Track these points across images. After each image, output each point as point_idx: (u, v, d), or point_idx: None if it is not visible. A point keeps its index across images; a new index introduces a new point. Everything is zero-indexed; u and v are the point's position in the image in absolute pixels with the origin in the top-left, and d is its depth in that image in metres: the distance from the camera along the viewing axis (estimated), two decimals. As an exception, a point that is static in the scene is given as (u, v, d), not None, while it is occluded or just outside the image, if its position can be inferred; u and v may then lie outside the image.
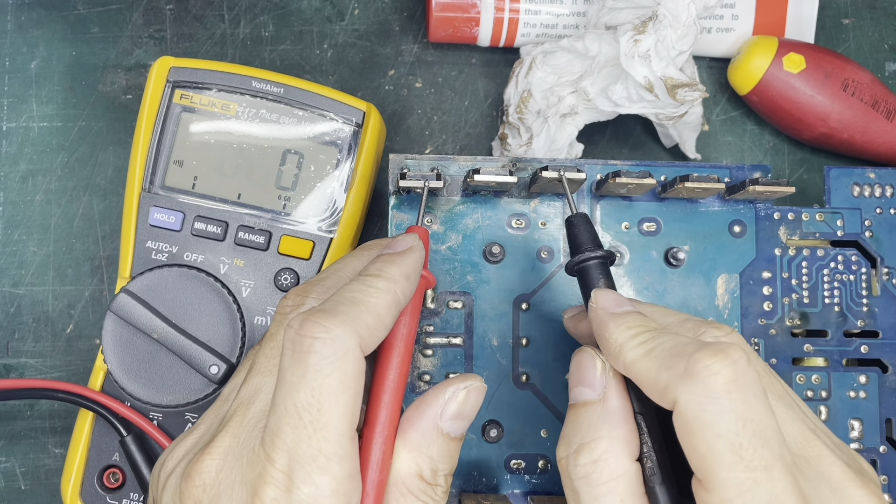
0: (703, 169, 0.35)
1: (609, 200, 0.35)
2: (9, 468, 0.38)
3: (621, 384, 0.26)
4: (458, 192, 0.34)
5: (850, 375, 0.35)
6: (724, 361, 0.23)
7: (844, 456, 0.25)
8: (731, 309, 0.35)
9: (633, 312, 0.26)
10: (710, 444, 0.23)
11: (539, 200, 0.34)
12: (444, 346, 0.34)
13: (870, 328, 0.36)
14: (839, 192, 0.36)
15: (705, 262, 0.35)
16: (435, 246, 0.34)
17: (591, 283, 0.28)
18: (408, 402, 0.32)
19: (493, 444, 0.34)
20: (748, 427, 0.22)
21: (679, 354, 0.24)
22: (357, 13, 0.41)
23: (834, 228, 0.36)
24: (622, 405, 0.26)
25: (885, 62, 0.42)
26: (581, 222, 0.29)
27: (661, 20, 0.34)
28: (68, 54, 0.40)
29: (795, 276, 0.35)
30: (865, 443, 0.35)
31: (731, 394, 0.23)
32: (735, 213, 0.35)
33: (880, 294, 0.36)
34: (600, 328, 0.27)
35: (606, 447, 0.25)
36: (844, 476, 0.24)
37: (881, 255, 0.36)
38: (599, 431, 0.25)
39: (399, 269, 0.26)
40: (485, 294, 0.34)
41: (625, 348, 0.25)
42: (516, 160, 0.34)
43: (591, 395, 0.26)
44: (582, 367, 0.27)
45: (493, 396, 0.34)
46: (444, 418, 0.26)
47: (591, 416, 0.26)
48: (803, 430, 0.25)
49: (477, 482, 0.34)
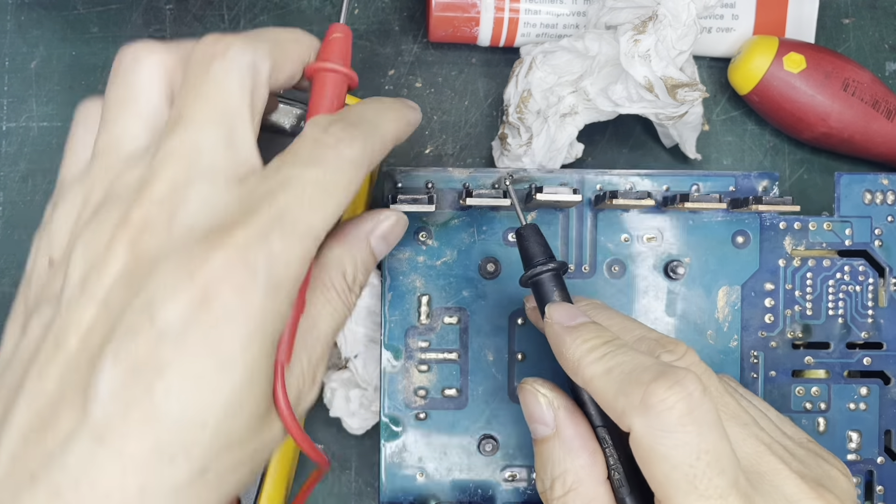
0: (707, 178, 0.35)
1: (608, 212, 0.35)
2: (8, 468, 0.38)
3: (570, 410, 0.27)
4: (453, 205, 0.34)
5: (851, 387, 0.35)
6: (679, 394, 0.23)
7: (803, 468, 0.26)
8: (732, 322, 0.35)
9: (588, 323, 0.27)
10: (666, 474, 0.23)
11: (537, 213, 0.34)
12: (440, 362, 0.34)
13: (874, 339, 0.35)
14: (849, 200, 0.35)
15: (706, 275, 0.35)
16: (430, 261, 0.34)
17: (545, 297, 0.28)
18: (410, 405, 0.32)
19: (488, 458, 0.34)
20: (703, 458, 0.23)
21: (636, 382, 0.24)
22: (357, 13, 0.41)
23: (842, 238, 0.35)
24: (577, 432, 0.26)
25: (886, 62, 0.42)
26: (531, 234, 0.29)
27: (661, 20, 0.34)
28: (68, 54, 0.40)
29: (799, 287, 0.35)
30: (863, 454, 0.35)
31: (686, 427, 0.23)
32: (739, 224, 0.35)
33: (887, 305, 0.35)
34: (556, 344, 0.27)
35: (574, 478, 0.26)
36: (798, 489, 0.25)
37: (890, 264, 0.35)
38: (564, 464, 0.26)
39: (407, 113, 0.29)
40: (480, 309, 0.34)
41: (582, 364, 0.26)
42: (512, 172, 0.34)
43: (545, 430, 0.27)
44: (528, 403, 0.27)
45: (489, 411, 0.34)
46: (374, 235, 0.28)
47: (553, 450, 0.26)
48: (756, 446, 0.25)
49: (473, 494, 0.34)
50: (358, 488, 0.39)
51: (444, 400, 0.34)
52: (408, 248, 0.34)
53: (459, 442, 0.34)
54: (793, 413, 0.35)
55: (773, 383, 0.35)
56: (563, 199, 0.32)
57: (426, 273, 0.34)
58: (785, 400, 0.35)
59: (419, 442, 0.34)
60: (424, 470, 0.34)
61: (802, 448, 0.27)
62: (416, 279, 0.34)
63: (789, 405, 0.35)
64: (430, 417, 0.34)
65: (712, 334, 0.35)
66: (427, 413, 0.34)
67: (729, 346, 0.35)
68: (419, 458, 0.34)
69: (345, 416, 0.37)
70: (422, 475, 0.34)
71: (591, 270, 0.34)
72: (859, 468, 0.35)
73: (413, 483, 0.34)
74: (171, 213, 0.23)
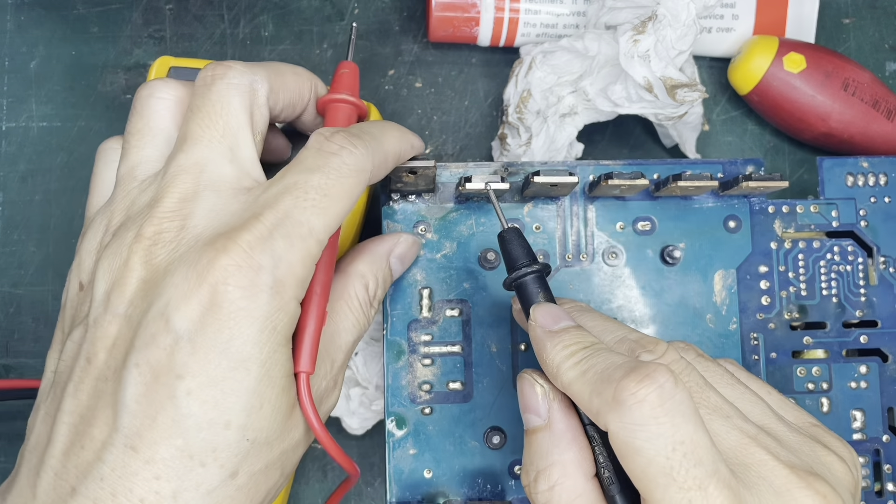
0: (695, 166, 0.35)
1: (603, 201, 0.35)
2: (8, 469, 0.38)
3: (564, 405, 0.26)
4: (451, 199, 0.34)
5: (851, 366, 0.35)
6: (650, 387, 0.23)
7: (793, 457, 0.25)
8: (729, 305, 0.35)
9: (570, 329, 0.27)
10: (643, 469, 0.23)
11: (533, 204, 0.34)
12: (443, 355, 0.34)
13: (868, 318, 0.36)
14: (833, 183, 0.36)
15: (701, 259, 0.35)
16: (430, 254, 0.34)
17: (529, 299, 0.28)
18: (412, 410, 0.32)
19: (496, 451, 0.34)
20: (678, 449, 0.23)
21: (608, 380, 0.24)
22: (357, 13, 0.41)
23: (829, 219, 0.36)
24: (568, 426, 0.26)
25: (886, 62, 0.42)
26: (513, 237, 0.29)
27: (661, 20, 0.34)
28: (68, 54, 0.40)
29: (792, 268, 0.35)
30: (868, 433, 0.35)
31: (659, 419, 0.23)
32: (729, 209, 0.35)
33: (878, 283, 0.36)
34: (538, 348, 0.27)
35: (560, 472, 0.26)
36: (787, 480, 0.24)
37: (877, 244, 0.36)
38: (551, 457, 0.26)
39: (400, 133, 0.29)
40: (482, 301, 0.34)
41: (561, 369, 0.26)
42: (508, 165, 0.34)
43: (537, 420, 0.27)
44: (524, 393, 0.27)
45: (495, 403, 0.34)
46: (393, 254, 0.31)
47: (542, 442, 0.26)
48: (741, 438, 0.25)
49: (482, 489, 0.34)
50: (358, 489, 0.39)
51: (449, 394, 0.34)
52: None
53: (466, 436, 0.34)
54: (796, 394, 0.35)
55: (775, 364, 0.35)
56: (560, 181, 0.32)
57: (426, 266, 0.34)
58: (787, 381, 0.35)
59: (425, 438, 0.34)
60: (431, 466, 0.34)
61: (798, 435, 0.27)
62: (417, 272, 0.34)
63: (792, 386, 0.35)
64: (436, 412, 0.34)
65: (711, 318, 0.35)
66: (432, 408, 0.34)
67: (728, 329, 0.35)
68: (426, 454, 0.34)
69: (344, 415, 0.37)
70: (429, 472, 0.34)
71: (588, 259, 0.35)
72: (866, 447, 0.35)
73: (421, 481, 0.34)
74: (180, 224, 0.24)
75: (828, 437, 0.28)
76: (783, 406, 0.29)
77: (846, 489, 0.26)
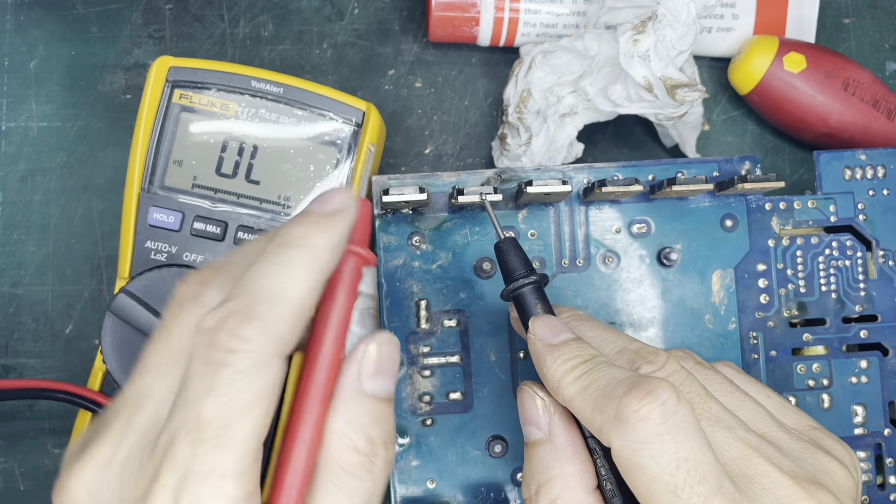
0: (691, 165, 0.35)
1: (598, 205, 0.35)
2: (8, 469, 0.37)
3: (565, 418, 0.26)
4: (445, 208, 0.34)
5: (851, 361, 0.35)
6: (652, 404, 0.23)
7: (795, 466, 0.25)
8: (728, 305, 0.35)
9: (569, 341, 0.26)
10: (647, 486, 0.23)
11: (527, 211, 0.34)
12: (442, 366, 0.34)
13: (868, 312, 0.35)
14: (830, 177, 0.36)
15: (699, 260, 0.35)
16: (425, 265, 0.34)
17: (527, 311, 0.28)
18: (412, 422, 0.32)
19: (498, 459, 0.34)
20: (682, 467, 0.23)
21: (610, 396, 0.24)
22: (357, 13, 0.41)
23: (827, 214, 0.35)
24: (569, 439, 0.26)
25: (886, 62, 0.42)
26: (510, 248, 0.29)
27: (661, 20, 0.34)
28: (67, 54, 0.40)
29: (791, 266, 0.35)
30: (869, 427, 0.35)
31: (662, 436, 0.23)
32: (726, 207, 0.35)
33: (877, 277, 0.36)
34: (539, 362, 0.27)
35: (561, 485, 0.25)
36: (790, 491, 0.24)
37: (876, 237, 0.36)
38: (552, 470, 0.26)
39: (326, 239, 0.22)
40: (479, 310, 0.34)
41: (562, 384, 0.25)
42: (501, 172, 0.34)
43: (538, 434, 0.26)
44: (525, 406, 0.27)
45: (495, 412, 0.34)
46: (364, 378, 0.22)
47: (543, 455, 0.26)
48: (743, 449, 0.25)
49: (485, 498, 0.34)
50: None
51: (449, 404, 0.34)
52: (402, 254, 0.34)
53: (468, 445, 0.34)
54: (796, 392, 0.35)
55: (775, 363, 0.35)
56: (553, 191, 0.32)
57: (422, 277, 0.34)
58: (787, 379, 0.35)
59: (427, 449, 0.34)
60: (434, 477, 0.34)
61: (799, 442, 0.27)
62: (413, 284, 0.34)
63: (792, 384, 0.35)
64: (437, 423, 0.34)
65: (710, 318, 0.35)
66: (433, 419, 0.34)
67: (727, 328, 0.35)
68: (428, 465, 0.34)
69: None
70: (432, 483, 0.34)
71: (585, 264, 0.35)
72: (867, 442, 0.35)
73: (424, 492, 0.34)
74: None
75: (828, 440, 0.28)
76: (783, 410, 0.29)
77: (847, 495, 0.26)
